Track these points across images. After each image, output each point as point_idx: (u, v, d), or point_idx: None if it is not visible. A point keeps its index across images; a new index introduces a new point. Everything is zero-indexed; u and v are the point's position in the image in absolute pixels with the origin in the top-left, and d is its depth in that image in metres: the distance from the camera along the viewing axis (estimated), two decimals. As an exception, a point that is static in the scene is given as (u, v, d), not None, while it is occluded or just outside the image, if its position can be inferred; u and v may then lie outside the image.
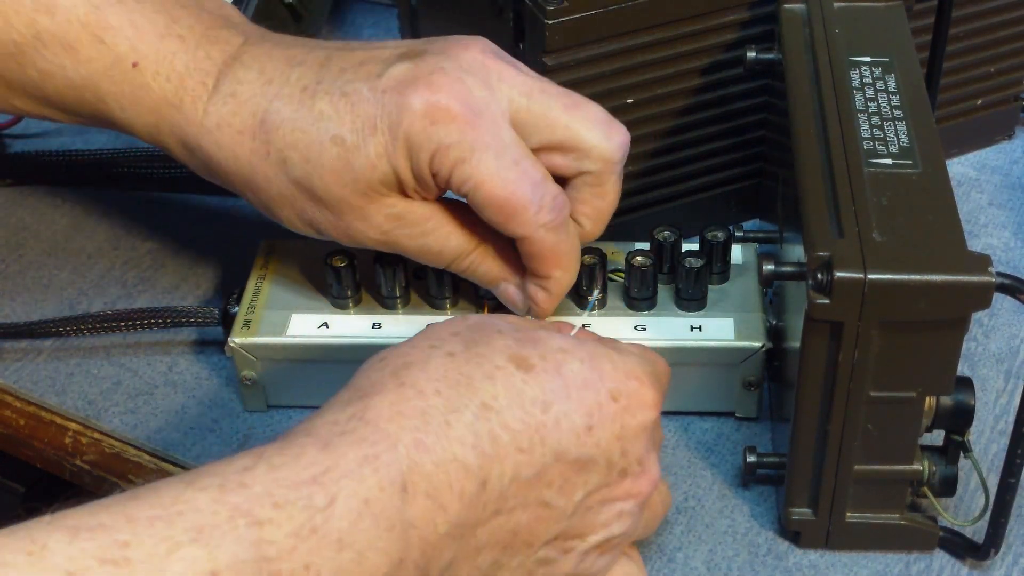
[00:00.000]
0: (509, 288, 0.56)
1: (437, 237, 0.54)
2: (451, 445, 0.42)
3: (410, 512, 0.41)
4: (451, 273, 0.58)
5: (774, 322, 0.59)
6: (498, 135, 0.51)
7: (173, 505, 0.37)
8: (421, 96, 0.50)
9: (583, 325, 0.58)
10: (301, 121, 0.52)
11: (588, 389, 0.45)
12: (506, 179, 0.51)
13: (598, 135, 0.53)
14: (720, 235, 0.60)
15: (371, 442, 0.41)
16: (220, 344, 0.62)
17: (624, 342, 0.49)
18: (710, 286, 0.60)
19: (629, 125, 0.63)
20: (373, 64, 0.52)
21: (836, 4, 0.60)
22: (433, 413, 0.42)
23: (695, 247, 0.60)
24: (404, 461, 0.41)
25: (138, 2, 0.54)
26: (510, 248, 0.55)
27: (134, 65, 0.54)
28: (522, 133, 0.52)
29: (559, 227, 0.53)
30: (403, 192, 0.53)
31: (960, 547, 0.54)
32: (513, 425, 0.43)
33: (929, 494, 0.53)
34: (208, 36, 0.54)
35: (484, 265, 0.56)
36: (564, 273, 0.55)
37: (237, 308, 0.60)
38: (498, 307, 0.58)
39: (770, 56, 0.61)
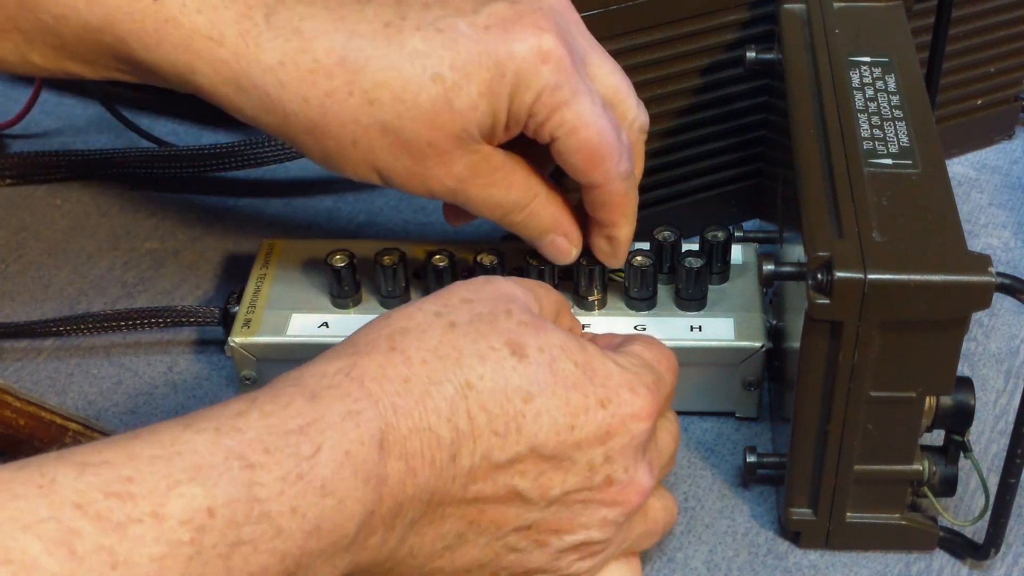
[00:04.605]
0: (558, 240, 0.56)
1: (502, 188, 0.53)
2: (427, 414, 0.43)
3: (384, 469, 0.42)
4: (452, 271, 0.58)
5: (774, 322, 0.59)
6: (587, 82, 0.52)
7: (172, 446, 0.38)
8: (531, 34, 0.50)
9: (583, 325, 0.58)
10: (392, 59, 0.49)
11: (577, 391, 0.45)
12: (599, 126, 0.51)
13: (636, 104, 0.55)
14: (720, 235, 0.60)
15: (354, 398, 0.42)
16: (220, 344, 0.62)
17: (635, 334, 0.49)
18: (710, 286, 0.60)
19: (629, 125, 0.64)
20: (463, 1, 0.51)
21: (836, 4, 0.60)
22: (415, 381, 0.43)
23: (695, 247, 0.60)
24: (382, 421, 0.42)
25: None
26: (560, 200, 0.55)
27: None
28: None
29: (631, 175, 0.54)
30: (488, 137, 0.52)
31: (960, 547, 0.54)
32: (492, 408, 0.44)
33: (929, 494, 0.53)
34: None
35: (538, 218, 0.55)
36: (628, 222, 0.56)
37: (237, 308, 0.60)
38: None
39: (770, 56, 0.61)
